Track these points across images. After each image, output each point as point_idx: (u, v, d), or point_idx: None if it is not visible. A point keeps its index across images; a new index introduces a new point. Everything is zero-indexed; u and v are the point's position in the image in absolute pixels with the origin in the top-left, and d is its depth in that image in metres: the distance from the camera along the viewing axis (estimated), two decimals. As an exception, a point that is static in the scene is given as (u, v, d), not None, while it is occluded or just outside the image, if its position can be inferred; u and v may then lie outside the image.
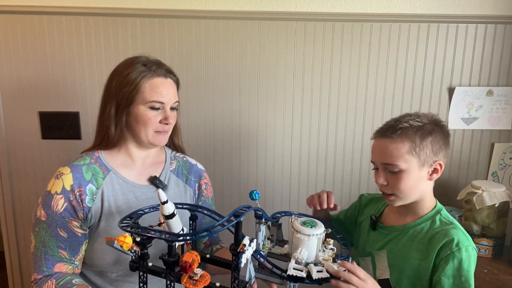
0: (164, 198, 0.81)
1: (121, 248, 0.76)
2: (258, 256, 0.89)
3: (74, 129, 1.66)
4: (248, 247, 0.80)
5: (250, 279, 0.85)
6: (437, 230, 1.03)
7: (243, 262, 0.80)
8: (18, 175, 1.70)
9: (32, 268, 1.04)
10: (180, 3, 1.59)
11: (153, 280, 0.81)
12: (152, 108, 1.06)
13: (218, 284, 0.80)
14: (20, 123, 1.65)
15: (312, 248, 0.93)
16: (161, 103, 1.06)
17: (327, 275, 0.87)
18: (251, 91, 1.68)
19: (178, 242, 0.79)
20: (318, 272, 0.87)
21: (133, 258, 0.80)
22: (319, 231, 0.93)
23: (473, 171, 1.79)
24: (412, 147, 1.00)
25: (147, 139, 1.08)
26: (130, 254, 0.80)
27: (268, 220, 0.97)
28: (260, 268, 0.92)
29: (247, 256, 0.81)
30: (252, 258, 0.87)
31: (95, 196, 1.05)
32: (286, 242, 1.03)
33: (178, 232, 0.86)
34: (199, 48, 1.63)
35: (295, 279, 0.87)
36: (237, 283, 0.80)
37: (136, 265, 0.80)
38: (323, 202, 1.14)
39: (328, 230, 0.98)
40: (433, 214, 1.07)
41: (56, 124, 1.65)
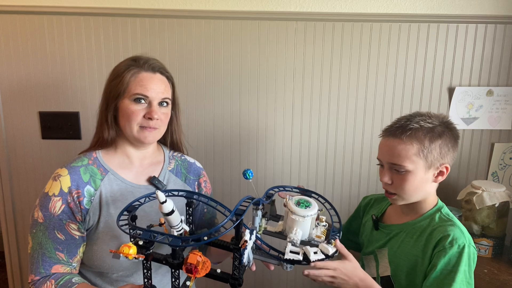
0: (163, 198, 0.82)
1: (126, 258, 0.76)
2: (256, 240, 0.92)
3: (74, 129, 1.66)
4: (249, 241, 0.82)
5: (248, 262, 0.88)
6: (435, 227, 1.04)
7: (245, 257, 0.83)
8: (18, 175, 1.70)
9: (29, 269, 1.03)
10: (180, 3, 1.59)
11: (155, 278, 0.82)
12: (136, 100, 1.04)
13: (219, 271, 0.83)
14: (20, 123, 1.66)
15: (306, 227, 0.97)
16: (145, 96, 1.04)
17: (323, 257, 0.92)
18: (251, 91, 1.68)
19: (182, 246, 0.81)
20: (314, 253, 0.91)
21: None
22: (313, 211, 0.97)
23: (473, 171, 1.79)
24: (420, 149, 1.00)
25: (132, 134, 1.06)
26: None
27: (264, 203, 0.99)
28: (258, 250, 0.95)
29: (248, 250, 0.84)
30: None
31: (93, 197, 1.04)
32: (280, 217, 1.07)
33: (177, 224, 0.88)
34: (199, 48, 1.63)
35: (292, 262, 0.91)
36: (239, 275, 0.83)
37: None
38: None
39: (321, 210, 1.02)
40: (433, 212, 1.08)
41: (56, 124, 1.65)
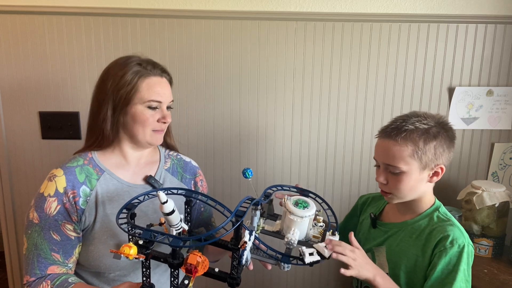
0: (164, 198, 0.82)
1: (127, 258, 0.76)
2: (254, 239, 0.92)
3: (74, 129, 1.66)
4: (248, 242, 0.83)
5: (246, 261, 0.88)
6: (434, 226, 1.05)
7: (244, 258, 0.83)
8: (18, 175, 1.70)
9: (24, 270, 1.02)
10: (180, 3, 1.59)
11: (153, 277, 0.82)
12: (150, 107, 1.05)
13: (217, 270, 0.83)
14: (20, 123, 1.66)
15: (304, 227, 0.98)
16: (158, 102, 1.06)
17: (318, 258, 0.93)
18: (251, 90, 1.68)
19: (183, 247, 0.81)
20: (310, 255, 0.93)
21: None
22: (311, 212, 0.98)
23: (473, 171, 1.79)
24: (414, 150, 1.01)
25: (145, 138, 1.07)
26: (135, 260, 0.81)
27: (262, 203, 1.00)
28: (255, 249, 0.95)
29: (247, 251, 0.84)
30: None
31: (88, 198, 1.03)
32: (277, 216, 1.07)
33: (177, 223, 0.88)
34: (199, 48, 1.63)
35: (288, 261, 0.92)
36: (237, 274, 0.83)
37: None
38: None
39: (319, 210, 1.02)
40: (431, 211, 1.08)
41: (56, 124, 1.65)
